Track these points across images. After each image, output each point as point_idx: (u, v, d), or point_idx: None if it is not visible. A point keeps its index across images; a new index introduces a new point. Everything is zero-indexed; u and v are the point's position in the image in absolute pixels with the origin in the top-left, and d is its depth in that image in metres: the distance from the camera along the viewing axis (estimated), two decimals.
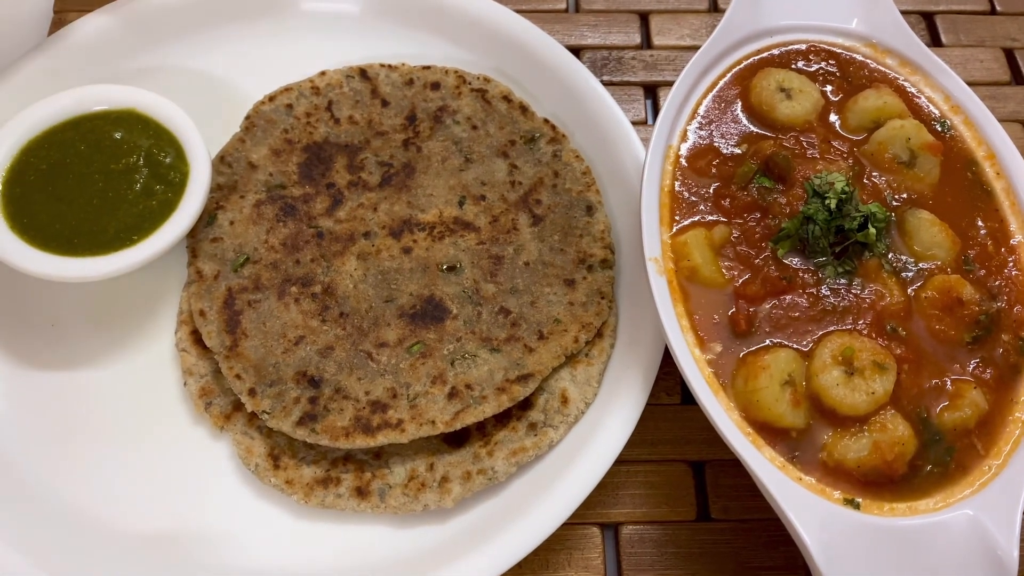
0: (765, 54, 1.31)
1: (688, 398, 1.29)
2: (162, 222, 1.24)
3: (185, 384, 1.21)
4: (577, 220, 1.33)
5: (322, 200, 1.33)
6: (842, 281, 1.12)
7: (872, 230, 1.12)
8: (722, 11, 1.71)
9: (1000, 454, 1.05)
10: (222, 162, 1.35)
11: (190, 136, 1.30)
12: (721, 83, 1.29)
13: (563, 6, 1.71)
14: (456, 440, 1.18)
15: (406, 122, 1.42)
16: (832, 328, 1.10)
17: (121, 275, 1.21)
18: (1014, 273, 1.16)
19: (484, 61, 1.50)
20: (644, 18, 1.71)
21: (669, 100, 1.22)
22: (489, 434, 1.18)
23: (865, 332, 1.09)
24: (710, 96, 1.27)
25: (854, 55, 1.33)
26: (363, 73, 1.46)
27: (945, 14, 1.75)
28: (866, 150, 1.23)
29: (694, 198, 1.19)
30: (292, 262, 1.27)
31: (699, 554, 1.18)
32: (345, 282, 1.26)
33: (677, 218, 1.17)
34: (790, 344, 1.09)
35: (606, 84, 1.50)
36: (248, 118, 1.39)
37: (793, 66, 1.30)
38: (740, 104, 1.27)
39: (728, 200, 1.18)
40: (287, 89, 1.43)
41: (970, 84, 1.30)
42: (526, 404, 1.19)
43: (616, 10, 1.71)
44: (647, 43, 1.68)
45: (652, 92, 1.62)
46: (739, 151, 1.23)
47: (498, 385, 1.17)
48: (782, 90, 1.25)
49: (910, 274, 1.14)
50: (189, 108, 1.33)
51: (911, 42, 1.32)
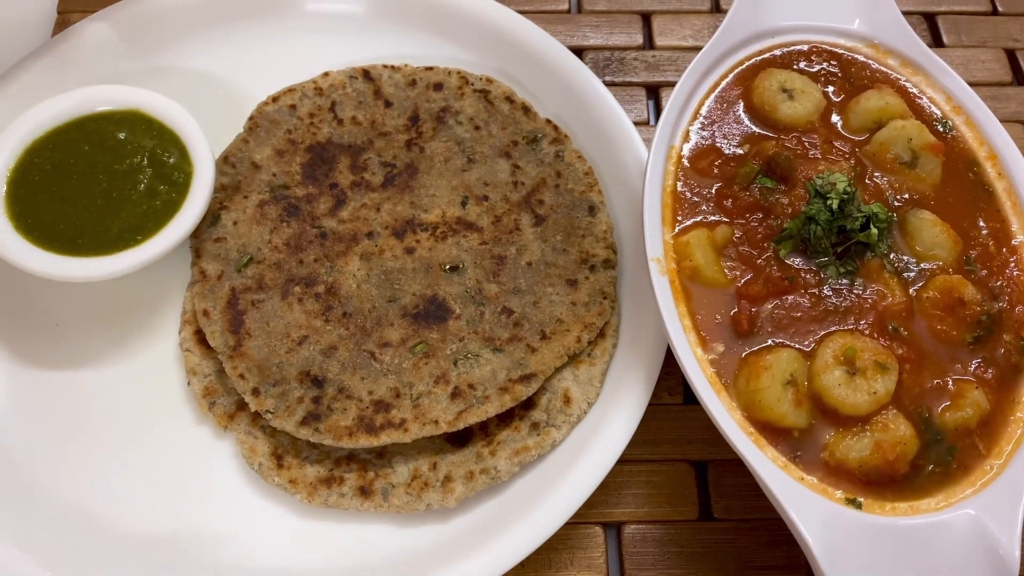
0: (767, 55, 1.31)
1: (690, 398, 1.29)
2: (166, 222, 1.24)
3: (189, 384, 1.22)
4: (579, 220, 1.33)
5: (325, 200, 1.34)
6: (844, 281, 1.13)
7: (874, 230, 1.12)
8: (724, 12, 1.71)
9: (1001, 454, 1.05)
10: (226, 162, 1.35)
11: (194, 136, 1.30)
12: (723, 84, 1.29)
13: (565, 7, 1.71)
14: (459, 440, 1.18)
15: (409, 123, 1.42)
16: (834, 328, 1.10)
17: (125, 275, 1.21)
18: (1015, 273, 1.16)
19: (487, 62, 1.51)
20: (646, 19, 1.71)
21: (671, 101, 1.23)
22: (492, 434, 1.18)
23: (867, 332, 1.09)
24: (712, 97, 1.28)
25: (856, 56, 1.33)
26: (366, 74, 1.46)
27: (947, 15, 1.75)
28: (868, 150, 1.23)
29: (696, 198, 1.19)
30: (295, 262, 1.28)
31: (701, 553, 1.19)
32: (348, 282, 1.26)
33: (679, 218, 1.18)
34: (792, 344, 1.09)
35: (608, 85, 1.50)
36: (252, 118, 1.40)
37: (795, 67, 1.30)
38: (742, 105, 1.27)
39: (730, 200, 1.18)
40: (290, 90, 1.43)
41: (972, 85, 1.30)
42: (529, 404, 1.20)
43: (618, 11, 1.71)
44: (649, 44, 1.68)
45: (654, 93, 1.62)
46: (741, 151, 1.23)
47: (501, 385, 1.18)
48: (784, 91, 1.25)
49: (912, 274, 1.14)
50: (193, 108, 1.33)
51: (913, 43, 1.32)
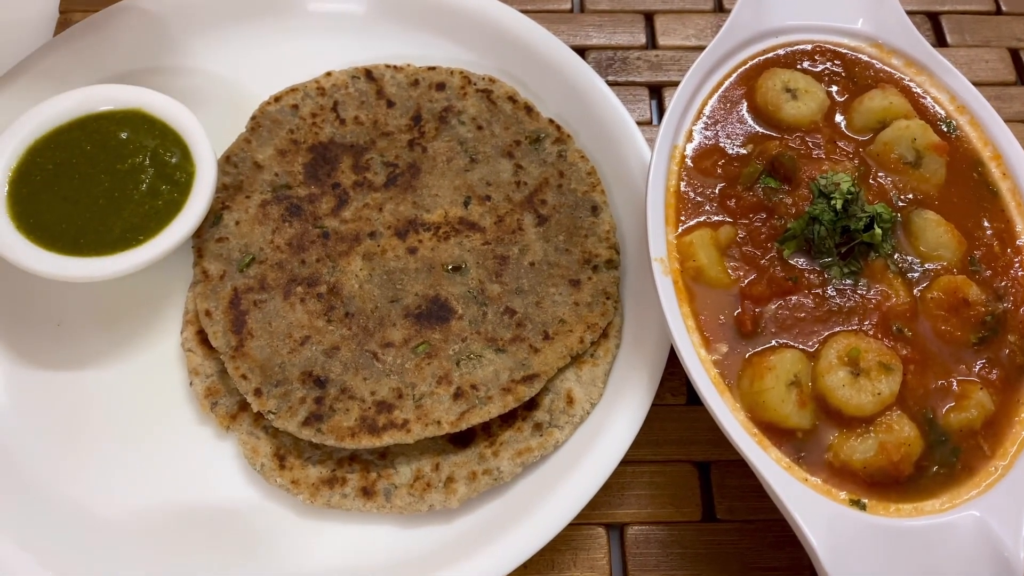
0: (770, 54, 1.31)
1: (694, 398, 1.29)
2: (168, 222, 1.24)
3: (191, 384, 1.22)
4: (582, 220, 1.33)
5: (327, 200, 1.33)
6: (848, 282, 1.12)
7: (878, 230, 1.12)
8: (727, 11, 1.71)
9: (1006, 455, 1.05)
10: (228, 162, 1.35)
11: (196, 136, 1.30)
12: (726, 83, 1.28)
13: (568, 6, 1.71)
14: (461, 440, 1.18)
15: (411, 122, 1.42)
16: (838, 329, 1.09)
17: (127, 275, 1.21)
18: (1020, 274, 1.16)
19: (489, 61, 1.50)
20: (649, 18, 1.71)
21: (674, 100, 1.22)
22: (494, 434, 1.18)
23: (871, 333, 1.09)
24: (715, 96, 1.27)
25: (860, 55, 1.32)
26: (368, 74, 1.46)
27: (951, 14, 1.75)
28: (872, 150, 1.23)
29: (699, 198, 1.19)
30: (298, 262, 1.27)
31: (705, 555, 1.18)
32: (351, 282, 1.26)
33: (682, 218, 1.17)
34: (796, 345, 1.09)
35: (611, 84, 1.50)
36: (254, 118, 1.40)
37: (799, 66, 1.30)
38: (746, 104, 1.27)
39: (734, 200, 1.18)
40: (293, 90, 1.43)
41: (976, 84, 1.29)
42: (531, 404, 1.19)
43: (621, 10, 1.70)
44: (652, 43, 1.68)
45: (657, 92, 1.62)
46: (745, 151, 1.22)
47: (503, 385, 1.17)
48: (788, 90, 1.25)
49: (916, 275, 1.14)
50: (195, 108, 1.33)
51: (916, 42, 1.32)
